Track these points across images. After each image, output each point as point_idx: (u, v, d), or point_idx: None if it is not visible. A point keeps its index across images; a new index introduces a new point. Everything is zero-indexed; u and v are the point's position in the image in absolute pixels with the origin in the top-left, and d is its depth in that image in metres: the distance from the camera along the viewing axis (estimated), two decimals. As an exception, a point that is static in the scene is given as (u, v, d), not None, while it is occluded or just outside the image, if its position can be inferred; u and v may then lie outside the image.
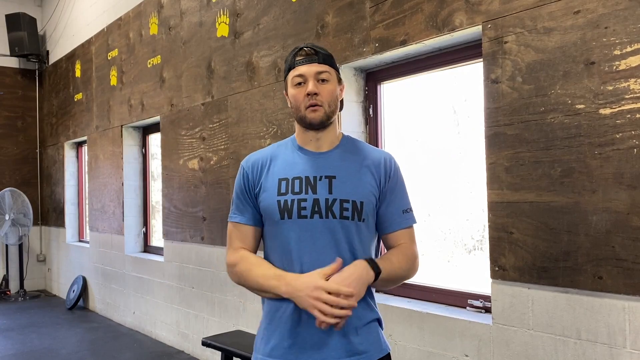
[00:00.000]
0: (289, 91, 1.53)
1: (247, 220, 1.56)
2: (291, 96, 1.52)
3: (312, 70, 1.49)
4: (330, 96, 1.51)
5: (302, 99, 1.49)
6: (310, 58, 1.50)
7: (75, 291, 6.53)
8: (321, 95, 1.49)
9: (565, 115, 2.11)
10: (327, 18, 3.20)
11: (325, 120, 1.51)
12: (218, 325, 4.15)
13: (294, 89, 1.51)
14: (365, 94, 3.20)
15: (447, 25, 2.55)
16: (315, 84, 1.49)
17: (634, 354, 1.93)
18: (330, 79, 1.51)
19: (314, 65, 1.50)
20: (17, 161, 7.78)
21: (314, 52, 1.51)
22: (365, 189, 1.50)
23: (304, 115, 1.50)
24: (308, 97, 1.48)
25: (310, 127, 1.52)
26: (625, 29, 1.95)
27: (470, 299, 2.62)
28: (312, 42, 1.56)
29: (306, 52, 1.51)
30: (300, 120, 1.52)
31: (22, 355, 4.63)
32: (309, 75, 1.49)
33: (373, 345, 1.50)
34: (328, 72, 1.51)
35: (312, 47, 1.52)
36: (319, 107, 1.48)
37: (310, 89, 1.47)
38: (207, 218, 4.26)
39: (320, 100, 1.49)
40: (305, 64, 1.50)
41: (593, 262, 2.03)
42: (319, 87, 1.49)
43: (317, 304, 1.34)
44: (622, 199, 1.95)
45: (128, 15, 5.52)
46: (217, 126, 4.15)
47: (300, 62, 1.50)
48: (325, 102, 1.49)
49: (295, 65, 1.51)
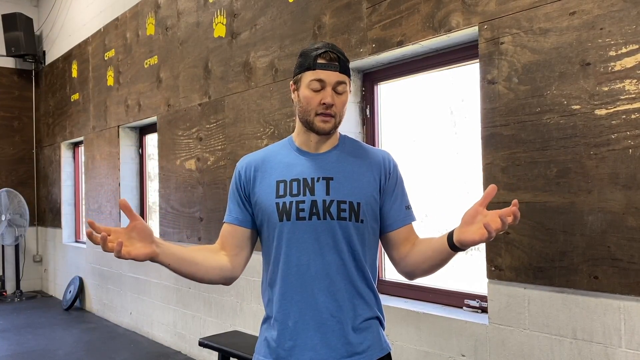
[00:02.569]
0: (302, 91, 1.48)
1: (232, 220, 1.56)
2: (303, 97, 1.48)
3: (332, 79, 1.46)
4: (342, 108, 1.49)
5: (315, 104, 1.47)
6: (332, 65, 1.46)
7: (71, 292, 6.52)
8: (336, 106, 1.47)
9: (561, 115, 2.12)
10: (324, 19, 3.20)
11: (333, 130, 1.51)
12: (215, 326, 4.15)
13: (309, 91, 1.47)
14: (362, 94, 3.21)
15: (444, 26, 2.55)
16: (333, 94, 1.46)
17: (629, 353, 1.94)
18: (345, 91, 1.49)
19: (335, 74, 1.46)
20: (14, 161, 7.76)
21: (337, 58, 1.46)
22: (364, 190, 1.50)
23: (313, 121, 1.48)
24: (323, 106, 1.46)
25: (316, 133, 1.51)
26: (620, 30, 1.96)
27: (467, 299, 2.63)
28: (334, 45, 1.52)
29: (330, 57, 1.46)
30: (307, 123, 1.50)
31: (19, 356, 4.62)
32: (328, 83, 1.46)
33: (373, 345, 1.50)
34: (345, 83, 1.48)
35: (336, 52, 1.47)
36: (331, 117, 1.47)
37: (329, 101, 1.45)
38: (204, 218, 4.26)
39: (335, 111, 1.47)
40: (327, 69, 1.45)
41: (589, 262, 2.04)
42: (335, 98, 1.47)
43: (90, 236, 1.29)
44: (618, 199, 1.96)
45: (125, 15, 5.52)
46: (214, 126, 4.15)
47: (322, 65, 1.45)
48: (338, 113, 1.48)
49: (315, 67, 1.46)
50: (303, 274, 1.46)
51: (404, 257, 1.55)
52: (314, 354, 1.45)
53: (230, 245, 1.56)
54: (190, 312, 4.47)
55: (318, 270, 1.45)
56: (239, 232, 1.56)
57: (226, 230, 1.57)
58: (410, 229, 1.58)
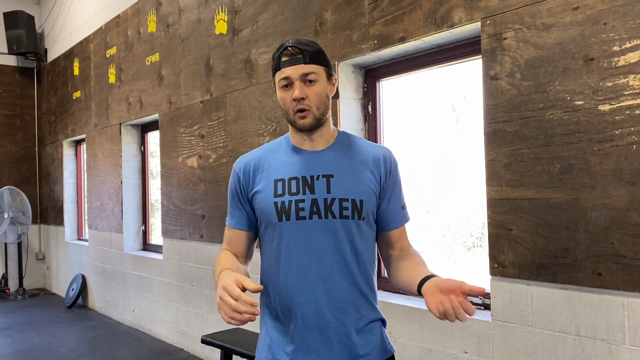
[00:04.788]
0: (278, 94, 1.47)
1: (236, 224, 1.54)
2: (279, 99, 1.46)
3: (297, 72, 1.41)
4: (318, 98, 1.43)
5: (289, 102, 1.43)
6: (295, 59, 1.41)
7: (74, 289, 6.53)
8: (308, 98, 1.42)
9: (564, 111, 2.11)
10: (325, 15, 3.19)
11: (315, 124, 1.45)
12: (217, 323, 4.15)
13: (281, 91, 1.45)
14: (364, 91, 3.19)
15: (446, 21, 2.54)
16: (302, 87, 1.41)
17: (633, 350, 1.93)
18: (318, 79, 1.43)
19: (300, 67, 1.41)
20: (16, 159, 7.77)
21: (299, 50, 1.41)
22: (364, 187, 1.47)
23: (294, 120, 1.45)
24: (295, 102, 1.42)
25: (301, 131, 1.48)
26: (624, 25, 1.95)
27: (470, 296, 2.62)
28: (299, 38, 1.46)
29: (291, 52, 1.41)
30: (291, 123, 1.48)
31: (22, 354, 4.63)
32: (294, 77, 1.41)
33: (376, 347, 1.48)
34: (315, 72, 1.42)
35: (297, 45, 1.42)
36: (307, 111, 1.43)
37: (296, 95, 1.40)
38: (206, 216, 4.25)
39: (308, 104, 1.42)
40: (290, 65, 1.41)
41: (592, 258, 2.03)
42: (306, 89, 1.41)
43: (219, 302, 1.25)
44: (621, 195, 1.95)
45: (126, 12, 5.51)
46: (216, 124, 4.14)
47: (285, 63, 1.42)
48: (313, 104, 1.42)
49: (280, 66, 1.43)
50: (304, 274, 1.43)
51: (392, 261, 1.56)
52: (317, 357, 1.42)
53: (241, 251, 1.55)
54: (193, 309, 4.47)
55: (320, 271, 1.42)
56: (245, 237, 1.55)
57: (233, 236, 1.56)
58: (403, 231, 1.57)
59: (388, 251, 1.57)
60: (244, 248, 1.56)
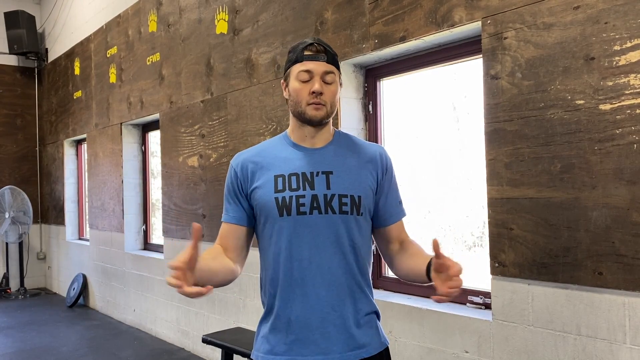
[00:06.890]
0: (292, 84, 1.50)
1: (231, 219, 1.55)
2: (293, 89, 1.50)
3: (320, 68, 1.48)
4: (333, 97, 1.50)
5: (305, 95, 1.48)
6: (319, 56, 1.48)
7: (75, 289, 6.54)
8: (325, 95, 1.48)
9: (565, 111, 2.11)
10: (326, 14, 3.19)
11: (325, 119, 1.51)
12: (218, 323, 4.16)
13: (298, 83, 1.49)
14: (364, 90, 3.19)
15: (447, 21, 2.54)
16: (321, 83, 1.47)
17: (634, 349, 1.93)
18: (335, 80, 1.50)
19: (322, 64, 1.48)
20: (17, 159, 7.78)
21: (323, 49, 1.49)
22: (362, 183, 1.51)
23: (304, 110, 1.49)
24: (313, 95, 1.47)
25: (308, 123, 1.51)
26: (625, 24, 1.94)
27: (470, 295, 2.62)
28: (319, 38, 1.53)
29: (316, 49, 1.48)
30: (299, 115, 1.51)
31: (23, 353, 4.64)
32: (316, 73, 1.47)
33: (373, 339, 1.52)
34: (334, 73, 1.50)
35: (322, 44, 1.50)
36: (322, 106, 1.48)
37: (317, 88, 1.46)
38: (206, 215, 4.26)
39: (324, 100, 1.48)
40: (314, 60, 1.48)
41: (593, 257, 2.03)
42: (324, 87, 1.48)
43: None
44: (622, 195, 1.95)
45: (127, 12, 5.51)
46: (217, 123, 4.14)
47: (308, 57, 1.48)
48: (328, 102, 1.49)
49: (303, 59, 1.48)
50: (304, 268, 1.46)
51: (394, 255, 1.59)
52: (316, 347, 1.45)
53: (232, 246, 1.55)
54: (194, 309, 4.47)
55: (319, 265, 1.46)
56: (239, 232, 1.55)
57: (226, 231, 1.56)
58: (401, 225, 1.62)
59: (388, 246, 1.61)
60: (237, 242, 1.55)
